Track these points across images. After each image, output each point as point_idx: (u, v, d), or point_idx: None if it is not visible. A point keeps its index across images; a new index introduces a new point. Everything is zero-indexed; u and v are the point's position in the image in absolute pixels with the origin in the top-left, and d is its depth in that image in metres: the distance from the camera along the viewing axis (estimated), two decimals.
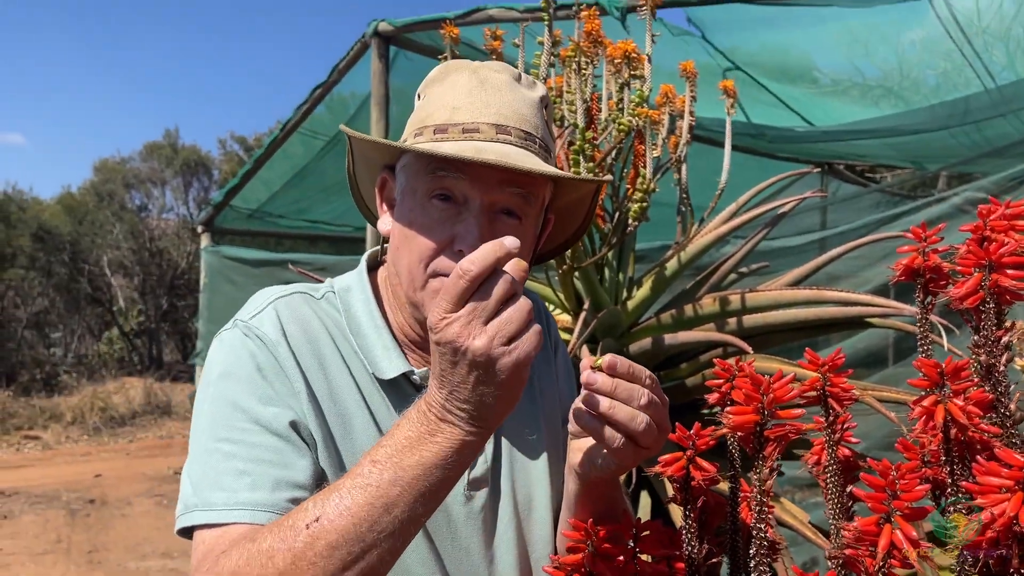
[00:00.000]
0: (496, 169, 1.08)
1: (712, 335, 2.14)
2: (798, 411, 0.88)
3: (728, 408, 0.90)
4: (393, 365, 1.20)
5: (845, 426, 0.89)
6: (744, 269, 2.48)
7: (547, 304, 2.25)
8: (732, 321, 2.18)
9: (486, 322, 0.89)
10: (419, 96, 1.23)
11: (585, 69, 2.05)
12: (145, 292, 19.64)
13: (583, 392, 0.99)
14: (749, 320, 2.16)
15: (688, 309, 2.24)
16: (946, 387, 0.81)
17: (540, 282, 2.38)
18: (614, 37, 2.18)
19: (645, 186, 2.07)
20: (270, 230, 9.26)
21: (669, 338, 2.18)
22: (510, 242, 0.90)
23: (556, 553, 1.27)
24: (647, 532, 1.04)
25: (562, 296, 2.26)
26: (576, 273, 2.16)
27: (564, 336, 2.09)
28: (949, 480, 0.81)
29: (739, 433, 0.89)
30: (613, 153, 2.07)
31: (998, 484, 0.69)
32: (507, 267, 0.91)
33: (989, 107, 4.27)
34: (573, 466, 1.12)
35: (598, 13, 2.11)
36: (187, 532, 1.05)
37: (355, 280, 1.28)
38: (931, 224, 0.94)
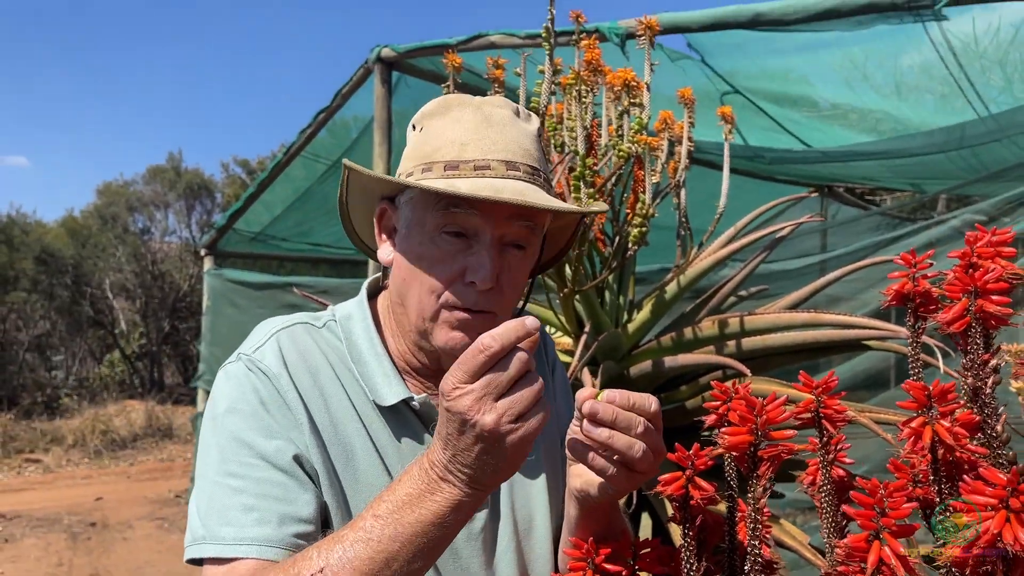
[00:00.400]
0: (508, 205, 1.11)
1: (712, 358, 2.16)
2: (790, 432, 0.90)
3: (724, 429, 0.92)
4: (393, 392, 1.22)
5: (839, 447, 0.91)
6: (743, 292, 2.51)
7: (548, 327, 2.28)
8: (731, 344, 2.20)
9: (497, 398, 0.91)
10: (415, 127, 1.24)
11: (585, 97, 2.08)
12: (147, 315, 19.62)
13: (584, 423, 1.01)
14: (748, 343, 2.18)
15: (688, 332, 2.26)
16: (933, 409, 0.83)
17: (541, 305, 2.41)
18: (614, 62, 2.22)
19: (644, 211, 2.10)
20: (272, 253, 9.28)
21: (669, 361, 2.20)
22: (531, 323, 0.93)
23: (556, 570, 1.29)
24: (647, 550, 1.06)
25: (563, 319, 2.28)
26: (577, 296, 2.19)
27: (565, 359, 2.11)
28: (938, 499, 0.83)
29: (734, 453, 0.91)
30: (613, 179, 2.10)
31: (983, 502, 0.72)
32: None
33: (985, 134, 4.31)
34: (572, 491, 1.14)
35: (598, 41, 2.15)
36: (196, 560, 1.09)
37: (356, 308, 1.31)
38: (930, 246, 0.97)
